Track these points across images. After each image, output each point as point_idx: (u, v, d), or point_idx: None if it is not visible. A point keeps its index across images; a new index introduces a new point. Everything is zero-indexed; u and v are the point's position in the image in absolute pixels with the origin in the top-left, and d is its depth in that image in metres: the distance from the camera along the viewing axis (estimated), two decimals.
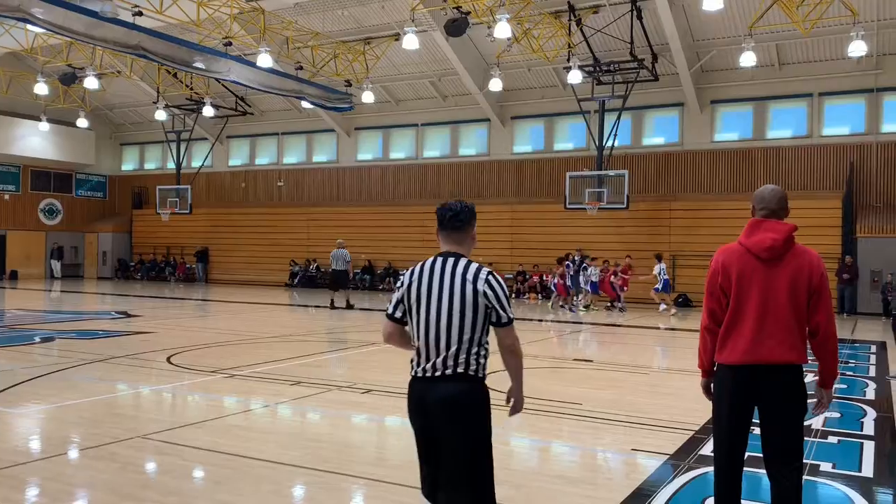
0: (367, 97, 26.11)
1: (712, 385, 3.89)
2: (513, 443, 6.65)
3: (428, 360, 3.44)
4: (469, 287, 3.40)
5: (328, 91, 25.86)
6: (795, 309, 3.62)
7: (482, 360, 3.45)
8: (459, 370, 3.40)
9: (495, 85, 24.02)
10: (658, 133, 26.48)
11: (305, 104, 27.10)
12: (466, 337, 3.39)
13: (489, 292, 3.40)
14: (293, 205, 32.46)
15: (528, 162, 28.26)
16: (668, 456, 5.97)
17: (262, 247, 32.25)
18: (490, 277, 3.43)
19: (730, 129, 25.32)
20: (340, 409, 7.78)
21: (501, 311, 3.42)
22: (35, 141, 33.19)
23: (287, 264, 31.35)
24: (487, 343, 3.48)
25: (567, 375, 10.40)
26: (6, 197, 34.12)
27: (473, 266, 3.49)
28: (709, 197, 24.58)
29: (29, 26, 18.33)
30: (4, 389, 8.17)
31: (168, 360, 10.69)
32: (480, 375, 3.46)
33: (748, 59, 20.55)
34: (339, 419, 7.47)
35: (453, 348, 3.39)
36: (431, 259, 3.56)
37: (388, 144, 31.26)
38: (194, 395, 8.50)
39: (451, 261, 3.52)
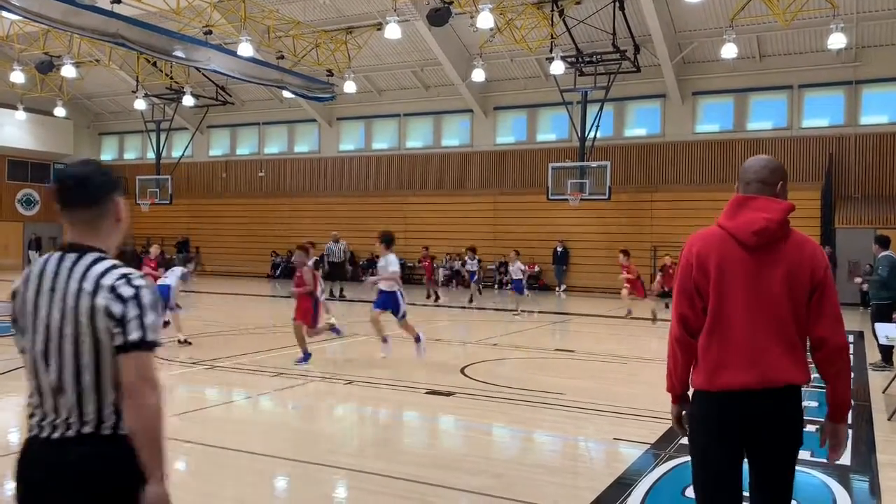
0: (349, 87, 25.96)
1: (687, 419, 2.96)
2: (494, 432, 6.67)
3: (43, 412, 2.22)
4: (85, 301, 2.13)
5: (310, 81, 25.66)
6: (794, 311, 2.74)
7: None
8: (85, 429, 2.15)
9: (478, 75, 23.97)
10: (640, 124, 26.58)
11: (287, 94, 26.88)
12: (87, 379, 2.14)
13: (115, 307, 2.11)
14: (275, 195, 32.27)
15: (511, 153, 28.26)
16: (649, 445, 6.01)
17: (244, 237, 32.07)
18: (121, 283, 2.14)
19: (711, 120, 25.47)
20: (321, 401, 7.76)
21: (125, 329, 2.10)
22: (11, 130, 32.71)
23: (268, 255, 31.20)
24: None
25: (548, 366, 10.44)
26: None
27: (101, 266, 2.18)
28: (690, 188, 24.72)
29: (4, 13, 17.99)
30: None
31: None
32: (122, 433, 2.16)
33: (729, 51, 20.64)
34: (319, 410, 7.45)
35: (69, 395, 2.15)
36: (45, 256, 2.28)
37: (371, 135, 31.13)
38: (176, 387, 8.43)
39: (69, 259, 2.21)
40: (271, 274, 30.66)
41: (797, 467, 2.89)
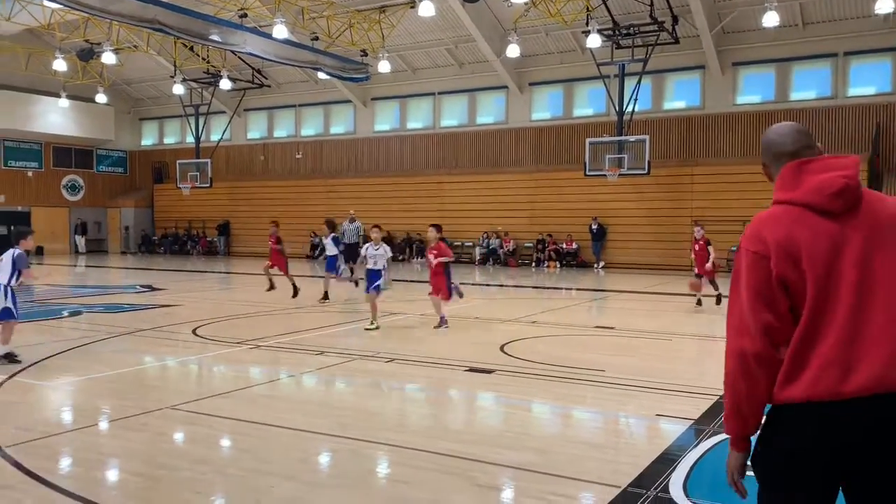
0: (384, 66, 25.92)
1: (756, 455, 2.29)
2: (535, 409, 6.69)
3: None
4: None
5: (344, 61, 25.70)
6: None
7: None
8: None
9: (513, 51, 23.74)
10: (679, 97, 26.10)
11: (322, 75, 26.98)
12: None
13: None
14: (312, 177, 32.51)
15: (547, 129, 28.02)
16: (692, 421, 5.98)
17: (283, 219, 32.30)
18: None
19: (752, 91, 24.90)
20: (364, 378, 7.86)
21: None
22: (55, 118, 33.44)
23: (307, 236, 31.47)
24: None
25: (588, 342, 10.41)
26: (29, 174, 34.51)
27: None
28: (731, 161, 24.25)
29: (46, 2, 18.34)
30: (36, 363, 8.33)
31: (193, 332, 10.84)
32: None
33: (771, 19, 20.11)
34: (362, 388, 7.55)
35: None
36: None
37: (405, 114, 31.11)
38: (220, 366, 8.62)
39: None
40: (310, 254, 30.95)
41: None
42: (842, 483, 2.20)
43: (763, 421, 2.28)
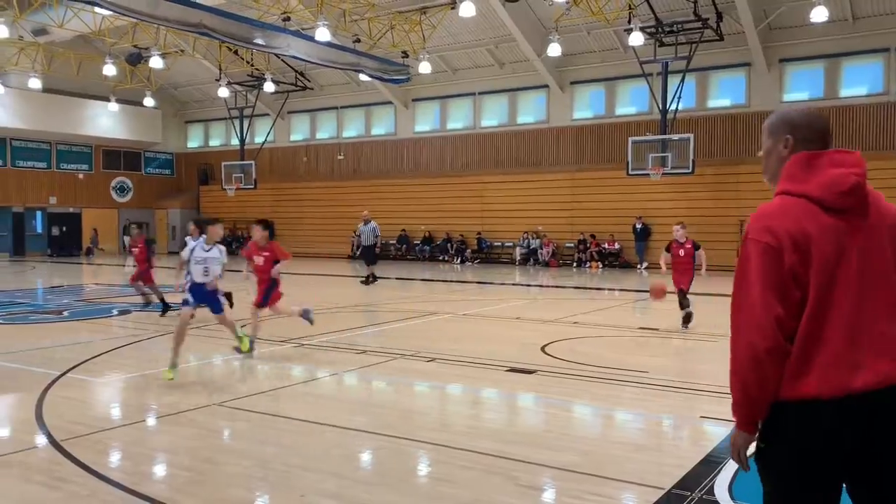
0: (424, 68, 26.02)
1: (763, 454, 2.35)
2: (577, 410, 6.66)
3: None
4: None
5: (385, 63, 25.88)
6: None
7: None
8: None
9: (554, 50, 23.62)
10: (724, 94, 25.67)
11: (363, 77, 27.21)
12: None
13: None
14: (353, 177, 32.79)
15: (589, 128, 27.81)
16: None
17: (325, 219, 32.76)
18: None
19: (800, 88, 24.36)
20: (405, 377, 7.90)
21: None
22: (105, 121, 34.32)
23: (349, 236, 31.75)
24: None
25: (631, 344, 10.31)
26: (80, 176, 35.46)
27: None
28: None
29: (96, 9, 18.83)
30: (87, 360, 8.57)
31: (241, 328, 10.99)
32: None
33: (819, 14, 19.66)
34: (404, 386, 7.59)
35: None
36: None
37: (446, 115, 31.18)
38: (264, 364, 8.76)
39: None
40: (352, 254, 31.21)
41: None
42: (847, 479, 2.22)
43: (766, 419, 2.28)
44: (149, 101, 33.43)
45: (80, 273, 24.66)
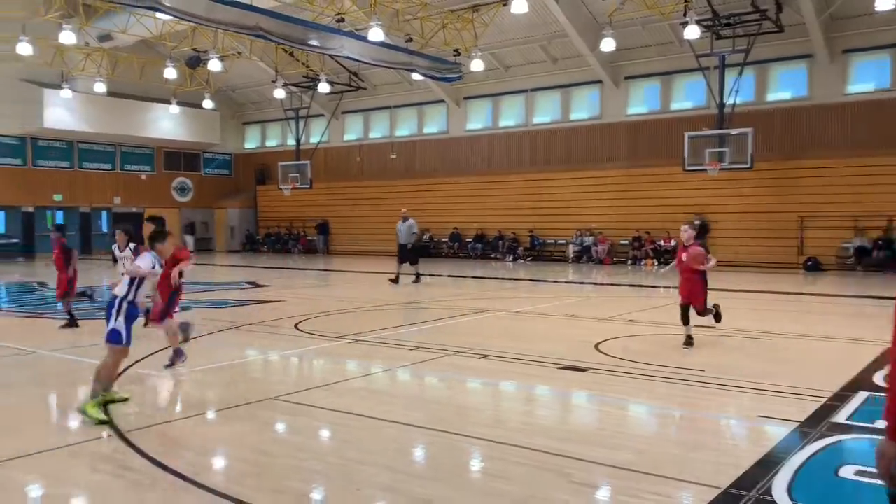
0: (476, 65, 25.99)
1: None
2: (632, 408, 6.59)
3: None
4: None
5: (437, 61, 25.95)
6: None
7: None
8: None
9: (607, 45, 23.32)
10: (784, 87, 25.00)
11: (416, 76, 27.33)
12: None
13: None
14: (405, 176, 33.01)
15: (643, 123, 27.41)
16: (797, 423, 5.74)
17: (378, 218, 33.04)
18: None
19: (864, 79, 23.55)
20: (458, 374, 7.94)
21: None
22: (166, 123, 35.31)
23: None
24: None
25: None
26: (143, 176, 36.56)
27: None
28: (842, 154, 23.00)
29: (157, 14, 19.39)
30: (150, 355, 8.84)
31: (295, 326, 11.23)
32: None
33: (885, 3, 18.95)
34: (457, 383, 7.63)
35: None
36: None
37: (498, 112, 31.13)
38: (320, 360, 8.91)
39: None
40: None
41: None
42: None
43: None
44: (208, 104, 34.25)
45: None
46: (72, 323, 11.07)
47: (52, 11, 24.22)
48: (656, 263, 25.29)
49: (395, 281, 18.41)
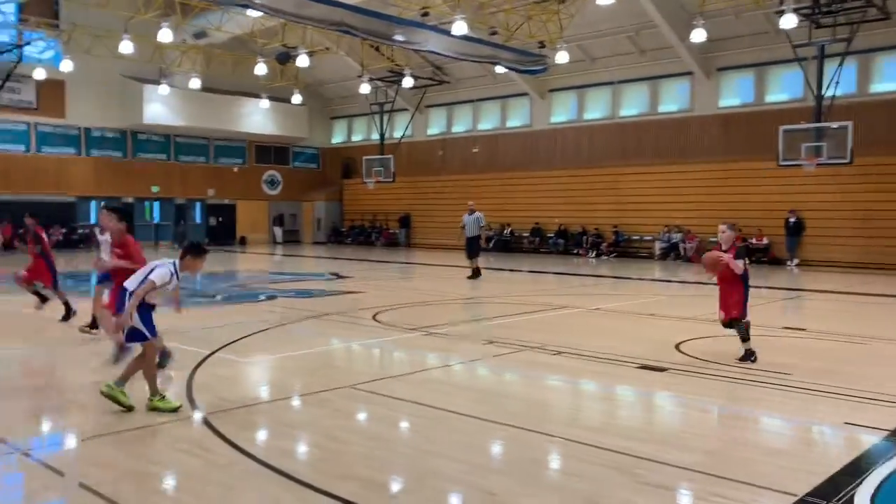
0: (562, 57, 25.66)
1: None
2: (709, 410, 6.40)
3: None
4: None
5: (522, 54, 25.73)
6: None
7: None
8: None
9: (698, 35, 22.57)
10: (890, 78, 23.59)
11: (499, 69, 27.22)
12: None
13: None
14: (487, 170, 32.94)
15: (736, 116, 26.44)
16: (887, 432, 5.43)
17: (460, 212, 33.01)
18: None
19: None
20: (531, 369, 7.88)
21: None
22: (257, 118, 36.44)
23: (482, 229, 31.89)
24: None
25: (774, 344, 9.73)
26: (235, 169, 37.87)
27: None
28: None
29: (248, 11, 20.00)
30: (235, 341, 9.17)
31: (374, 317, 11.41)
32: None
33: None
34: (530, 378, 7.58)
35: None
36: None
37: (583, 105, 30.67)
38: (396, 350, 9.03)
39: None
40: (484, 247, 31.36)
41: None
42: None
43: None
44: (296, 99, 35.14)
45: (234, 261, 26.39)
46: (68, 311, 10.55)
47: (152, 11, 25.36)
48: (747, 262, 24.36)
49: (478, 273, 18.31)
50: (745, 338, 8.12)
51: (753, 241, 24.79)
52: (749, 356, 8.02)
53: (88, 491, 4.28)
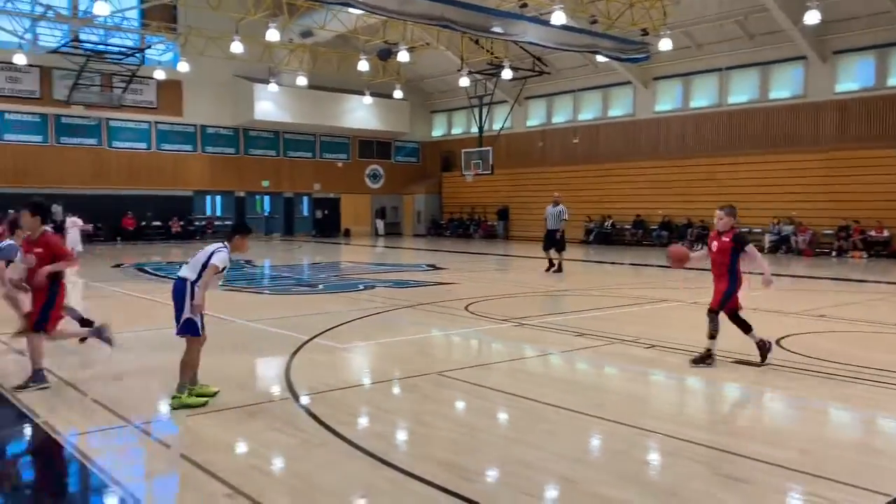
0: (665, 45, 24.94)
1: None
2: (806, 406, 6.15)
3: None
4: None
5: (624, 42, 25.19)
6: None
7: None
8: None
9: (812, 17, 21.45)
10: None
11: (600, 58, 26.77)
12: None
13: None
14: (588, 161, 32.47)
15: (855, 101, 24.95)
16: None
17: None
18: None
19: None
20: (622, 362, 7.79)
21: None
22: (360, 114, 37.36)
23: (582, 221, 31.56)
24: None
25: (888, 342, 9.22)
26: (339, 164, 38.98)
27: None
28: None
29: (350, 9, 20.51)
30: (334, 327, 9.52)
31: (467, 307, 11.55)
32: None
33: None
34: (619, 371, 7.50)
35: None
36: None
37: (689, 93, 29.72)
38: (486, 340, 9.13)
39: None
40: (585, 239, 31.05)
41: None
42: None
43: None
44: (398, 94, 35.77)
45: (337, 252, 27.22)
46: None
47: (261, 12, 26.44)
48: (865, 256, 23.04)
49: (557, 268, 17.92)
50: (711, 334, 7.31)
51: (873, 233, 23.40)
52: (703, 359, 7.29)
53: (187, 461, 4.61)
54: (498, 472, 4.56)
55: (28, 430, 5.43)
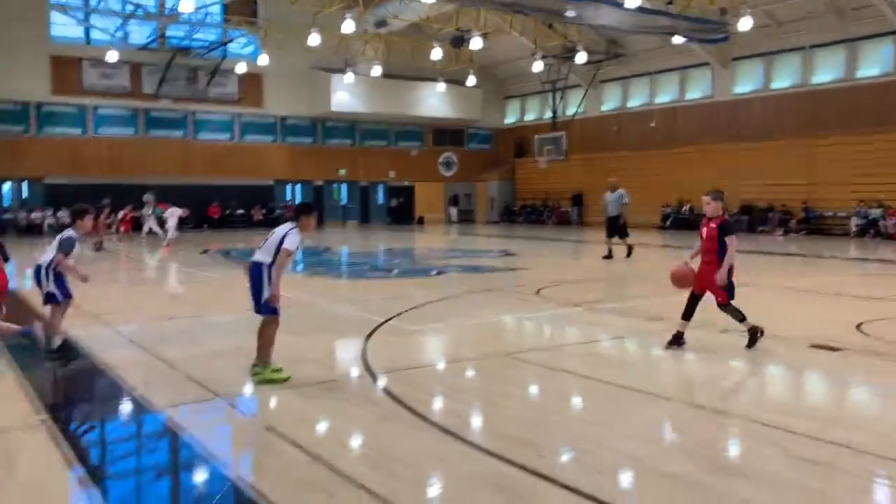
0: (745, 24, 24.19)
1: None
2: (883, 391, 6.04)
3: None
4: None
5: (701, 23, 24.63)
6: None
7: None
8: None
9: None
10: None
11: (677, 40, 26.20)
12: None
13: None
14: (664, 145, 31.82)
15: None
16: None
17: (634, 189, 32.09)
18: None
19: None
20: (694, 346, 7.75)
21: None
22: (434, 102, 37.62)
23: (659, 206, 31.03)
24: None
25: None
26: (413, 153, 39.41)
27: None
28: None
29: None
30: (406, 311, 9.80)
31: (537, 292, 11.65)
32: None
33: None
34: (686, 354, 7.47)
35: None
36: None
37: (770, 73, 28.76)
38: (557, 324, 9.23)
39: None
40: (662, 225, 30.54)
41: None
42: None
43: None
44: (471, 81, 35.85)
45: (411, 239, 27.64)
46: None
47: (337, 4, 26.96)
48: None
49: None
50: (740, 319, 7.38)
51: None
52: (754, 339, 7.31)
53: (272, 432, 4.93)
54: (569, 449, 4.69)
55: (127, 404, 5.88)
